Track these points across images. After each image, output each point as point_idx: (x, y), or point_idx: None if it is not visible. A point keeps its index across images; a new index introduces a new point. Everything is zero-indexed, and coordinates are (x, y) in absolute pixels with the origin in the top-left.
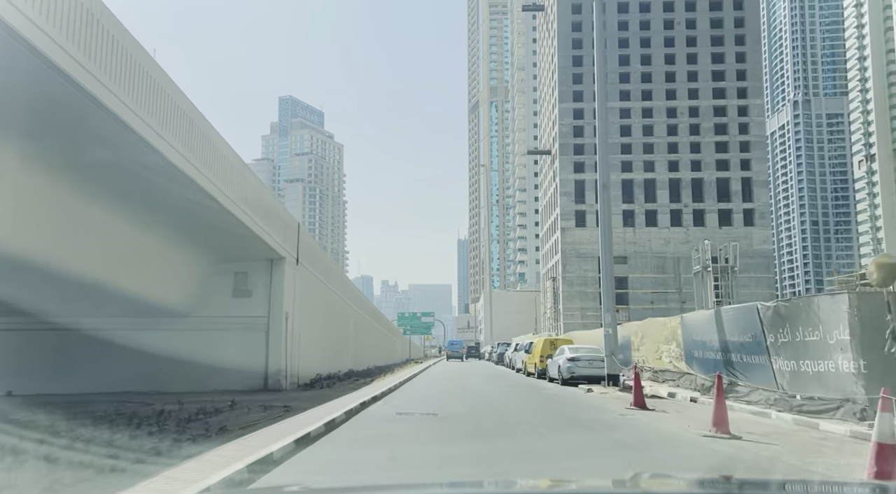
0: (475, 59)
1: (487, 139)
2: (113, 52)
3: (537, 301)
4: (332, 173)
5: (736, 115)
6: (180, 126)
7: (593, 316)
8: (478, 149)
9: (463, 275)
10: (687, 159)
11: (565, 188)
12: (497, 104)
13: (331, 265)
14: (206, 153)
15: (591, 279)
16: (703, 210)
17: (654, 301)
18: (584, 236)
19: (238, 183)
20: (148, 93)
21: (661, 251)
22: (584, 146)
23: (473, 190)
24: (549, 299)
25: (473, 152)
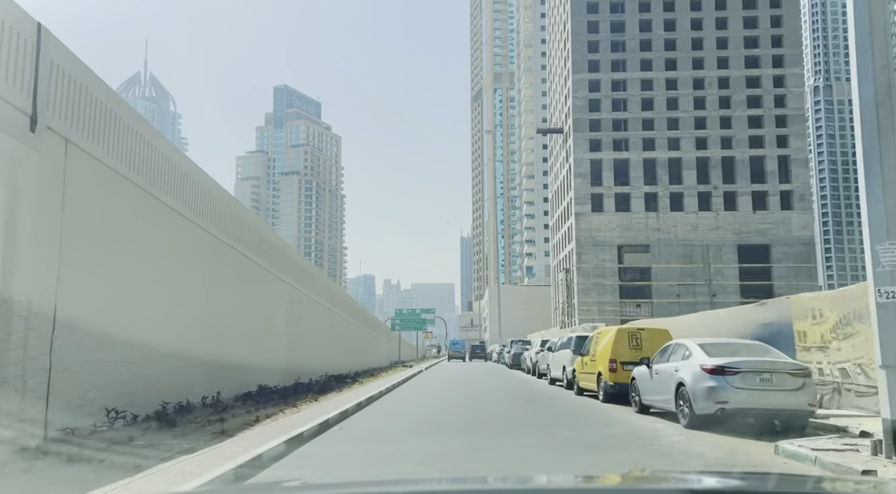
0: (478, 45)
1: (492, 128)
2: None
3: (548, 295)
4: (329, 166)
5: (771, 86)
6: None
7: (612, 312)
8: (481, 140)
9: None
10: (716, 136)
11: (580, 168)
12: (501, 91)
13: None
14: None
15: (610, 270)
16: (735, 192)
17: (681, 294)
18: (602, 222)
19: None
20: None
21: (688, 238)
22: (601, 121)
23: (477, 182)
24: (562, 293)
25: (477, 142)
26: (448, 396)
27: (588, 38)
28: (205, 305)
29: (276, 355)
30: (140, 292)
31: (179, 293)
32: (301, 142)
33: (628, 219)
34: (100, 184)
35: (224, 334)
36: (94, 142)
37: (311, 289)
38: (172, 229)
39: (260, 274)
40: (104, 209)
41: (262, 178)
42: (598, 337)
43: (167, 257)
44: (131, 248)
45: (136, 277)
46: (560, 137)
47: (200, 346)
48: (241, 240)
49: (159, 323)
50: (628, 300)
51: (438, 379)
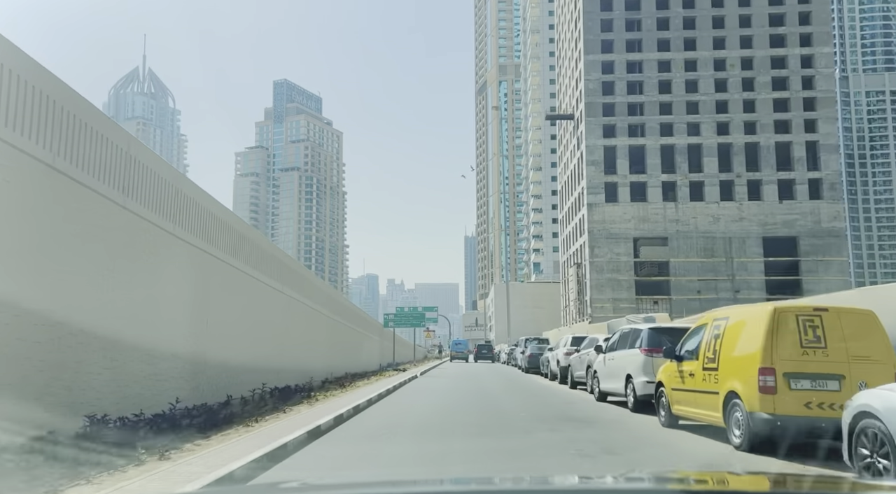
0: (483, 37)
1: (497, 122)
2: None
3: (557, 293)
4: (330, 162)
5: (798, 67)
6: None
7: (627, 309)
8: (486, 134)
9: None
10: (739, 120)
11: (592, 156)
12: (507, 83)
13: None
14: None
15: (625, 264)
16: (760, 181)
17: (702, 289)
18: (616, 213)
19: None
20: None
21: (709, 230)
22: (615, 105)
23: (481, 178)
24: (573, 289)
25: (481, 137)
26: (444, 429)
27: (601, 16)
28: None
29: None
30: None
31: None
32: (301, 137)
33: (645, 209)
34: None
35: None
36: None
37: (247, 261)
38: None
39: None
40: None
41: (261, 175)
42: (720, 325)
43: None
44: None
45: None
46: (570, 124)
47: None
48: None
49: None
50: (645, 296)
51: (435, 388)
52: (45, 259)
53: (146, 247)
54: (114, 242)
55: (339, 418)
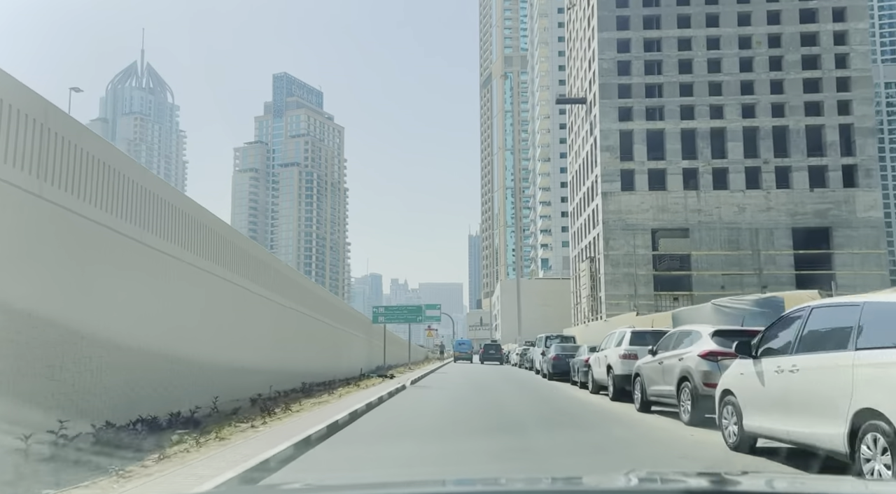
0: (487, 27)
1: (502, 115)
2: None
3: (567, 290)
4: (331, 157)
5: (831, 44)
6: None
7: (646, 306)
8: (490, 128)
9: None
10: (766, 102)
11: (607, 141)
12: (513, 75)
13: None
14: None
15: (643, 257)
16: (789, 167)
17: (726, 285)
18: (633, 202)
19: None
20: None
21: (734, 221)
22: (632, 87)
23: (486, 174)
24: (586, 285)
25: (486, 131)
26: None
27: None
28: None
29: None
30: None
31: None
32: (301, 132)
33: (664, 198)
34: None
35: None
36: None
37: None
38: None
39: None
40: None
41: (261, 170)
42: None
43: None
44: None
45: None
46: (582, 109)
47: None
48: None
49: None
50: (664, 292)
51: (424, 409)
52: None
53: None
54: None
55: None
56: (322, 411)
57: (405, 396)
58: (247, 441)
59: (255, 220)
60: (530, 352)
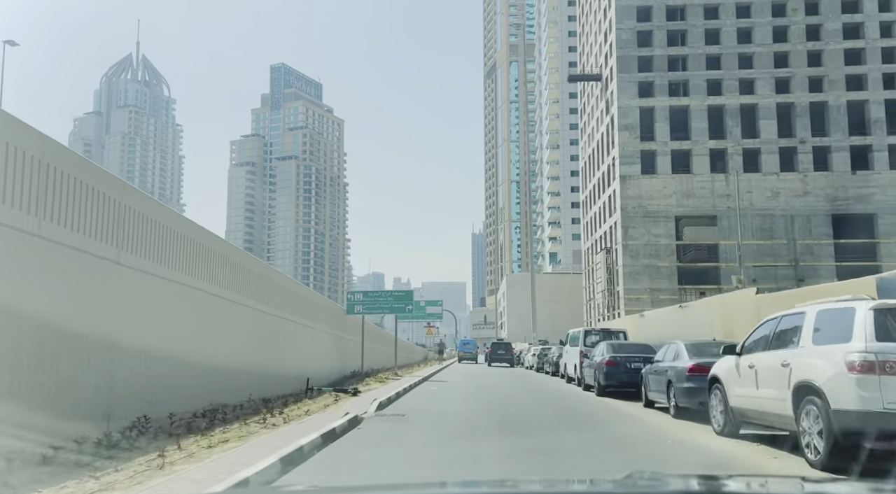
0: (491, 15)
1: (507, 105)
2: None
3: (578, 285)
4: (330, 151)
5: (875, 10)
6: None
7: (669, 301)
8: (495, 119)
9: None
10: (803, 75)
11: (626, 119)
12: (518, 64)
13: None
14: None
15: (666, 248)
16: (829, 147)
17: (759, 278)
18: (655, 187)
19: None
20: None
21: (767, 207)
22: (653, 59)
23: (490, 167)
24: (602, 279)
25: (490, 123)
26: None
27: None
28: None
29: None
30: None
31: None
32: (300, 124)
33: (689, 182)
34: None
35: None
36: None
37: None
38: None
39: None
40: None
41: (257, 164)
42: None
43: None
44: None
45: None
46: (597, 88)
47: None
48: None
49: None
50: (690, 286)
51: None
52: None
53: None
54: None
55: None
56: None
57: (367, 428)
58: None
59: (252, 216)
60: (553, 353)
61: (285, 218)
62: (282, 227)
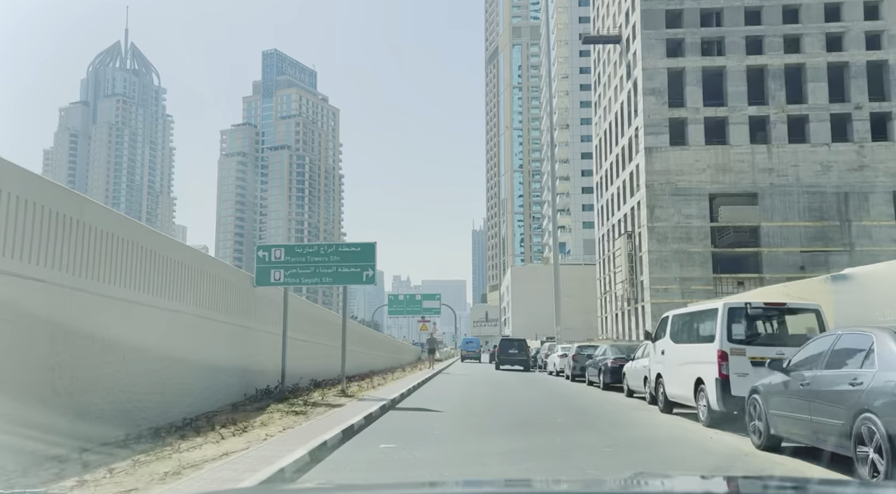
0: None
1: (509, 90)
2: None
3: (591, 276)
4: (325, 141)
5: None
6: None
7: (703, 292)
8: (497, 106)
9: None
10: (858, 30)
11: (652, 82)
12: (522, 47)
13: None
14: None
15: (698, 231)
16: (889, 113)
17: (807, 265)
18: (686, 160)
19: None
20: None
21: (816, 183)
22: (683, 13)
23: (492, 156)
24: (622, 267)
25: (492, 110)
26: None
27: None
28: None
29: None
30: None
31: None
32: (293, 113)
33: (725, 155)
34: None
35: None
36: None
37: None
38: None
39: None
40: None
41: (248, 155)
42: None
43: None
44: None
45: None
46: (615, 53)
47: None
48: None
49: None
50: (726, 275)
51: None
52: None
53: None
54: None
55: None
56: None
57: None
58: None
59: (243, 209)
60: (607, 355)
61: (277, 209)
62: (273, 219)
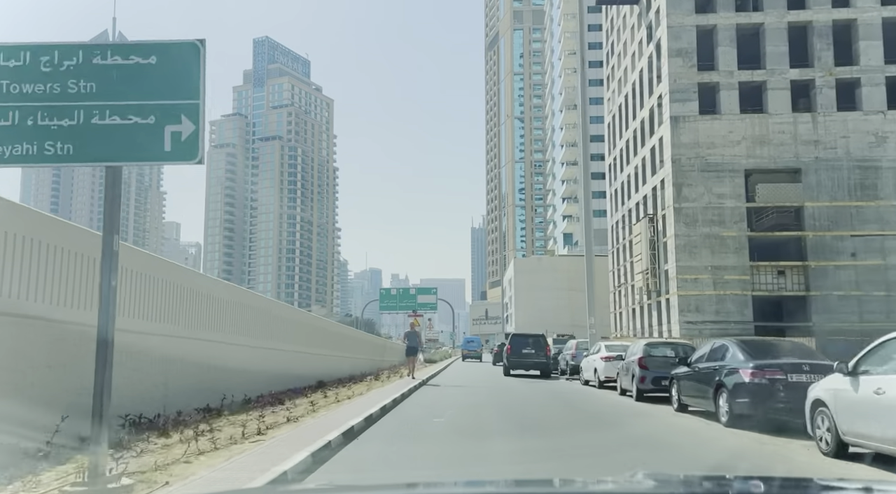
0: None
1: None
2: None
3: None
4: (318, 132)
5: None
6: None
7: (738, 283)
8: (497, 95)
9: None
10: None
11: (678, 42)
12: (523, 32)
13: None
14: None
15: (733, 212)
16: None
17: (859, 251)
18: (718, 131)
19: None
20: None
21: (869, 157)
22: None
23: (492, 147)
24: (642, 255)
25: (492, 99)
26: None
27: None
28: None
29: None
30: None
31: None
32: (285, 102)
33: (763, 125)
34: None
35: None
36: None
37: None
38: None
39: None
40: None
41: (238, 146)
42: None
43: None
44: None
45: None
46: (632, 14)
47: None
48: None
49: None
50: (765, 263)
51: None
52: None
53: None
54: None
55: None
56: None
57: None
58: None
59: (233, 202)
60: (729, 361)
61: (268, 203)
62: (264, 213)
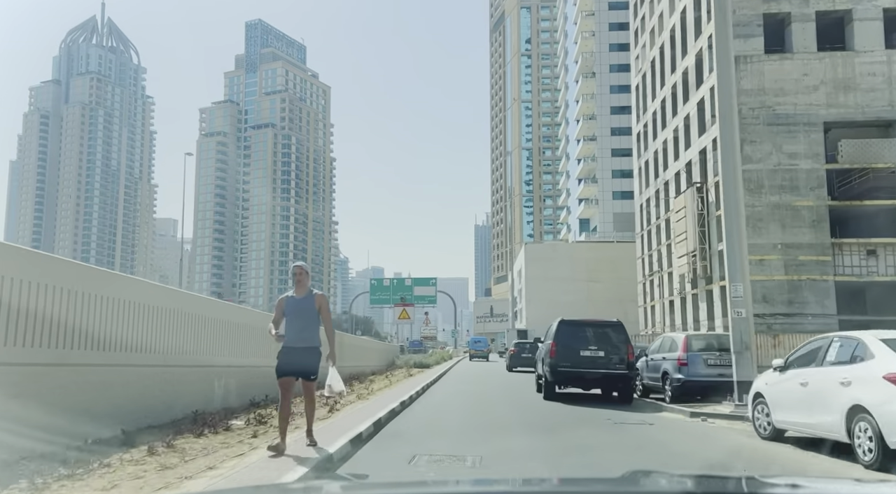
0: None
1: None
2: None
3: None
4: (314, 120)
5: None
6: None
7: (816, 265)
8: (503, 78)
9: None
10: None
11: None
12: (531, 10)
13: None
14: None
15: (809, 176)
16: None
17: None
18: (790, 73)
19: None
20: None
21: None
22: None
23: (498, 133)
24: (688, 234)
25: (497, 83)
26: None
27: None
28: None
29: None
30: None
31: None
32: (278, 88)
33: (847, 66)
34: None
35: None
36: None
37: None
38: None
39: None
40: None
41: (230, 134)
42: None
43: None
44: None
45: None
46: None
47: None
48: None
49: None
50: (850, 240)
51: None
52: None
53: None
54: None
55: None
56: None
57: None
58: None
59: (224, 193)
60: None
61: (260, 194)
62: (256, 205)
